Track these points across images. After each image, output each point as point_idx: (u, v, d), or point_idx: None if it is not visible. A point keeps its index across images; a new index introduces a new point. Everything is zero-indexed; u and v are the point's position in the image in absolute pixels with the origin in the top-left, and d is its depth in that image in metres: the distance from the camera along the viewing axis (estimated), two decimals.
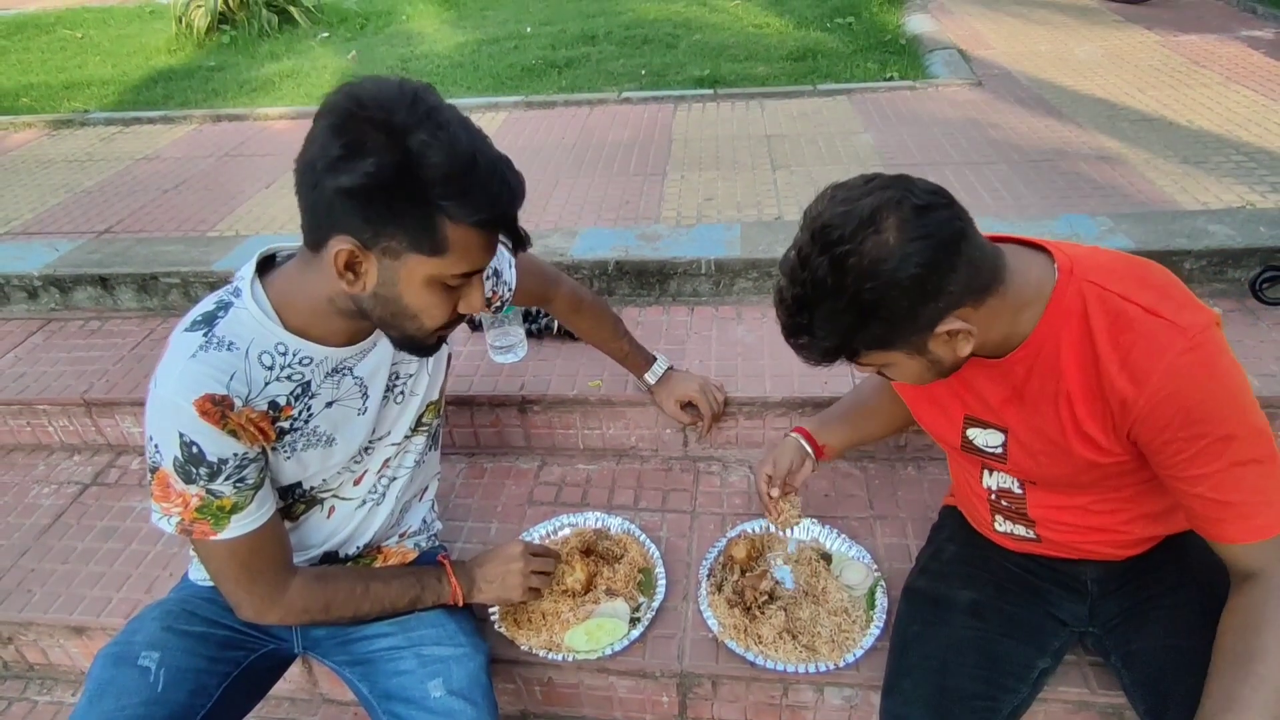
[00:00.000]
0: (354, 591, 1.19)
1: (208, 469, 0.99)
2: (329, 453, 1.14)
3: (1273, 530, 0.89)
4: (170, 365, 0.98)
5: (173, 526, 1.04)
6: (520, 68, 4.21)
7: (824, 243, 0.83)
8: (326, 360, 1.07)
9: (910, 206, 0.83)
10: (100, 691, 1.08)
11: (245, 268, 1.06)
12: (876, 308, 0.83)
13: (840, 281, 0.83)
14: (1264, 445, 0.88)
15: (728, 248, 2.03)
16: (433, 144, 0.86)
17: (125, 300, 2.25)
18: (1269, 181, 2.28)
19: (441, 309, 0.99)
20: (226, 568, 1.08)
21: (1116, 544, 1.13)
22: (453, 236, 0.91)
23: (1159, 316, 0.87)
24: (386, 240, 0.91)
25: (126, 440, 1.98)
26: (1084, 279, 0.91)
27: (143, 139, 3.47)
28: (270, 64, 4.68)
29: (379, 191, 0.87)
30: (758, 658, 1.33)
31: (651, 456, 1.82)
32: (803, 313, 0.87)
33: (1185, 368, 0.85)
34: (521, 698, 1.48)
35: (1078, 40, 3.78)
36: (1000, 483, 1.14)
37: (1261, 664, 0.88)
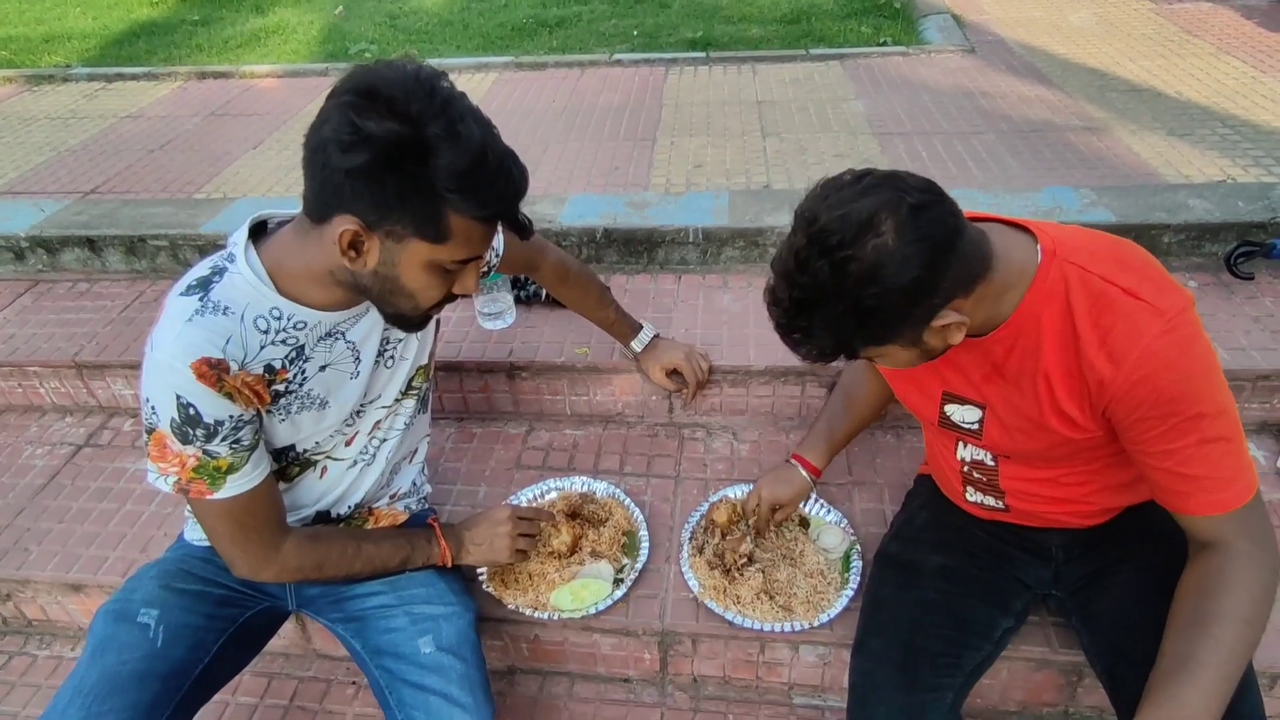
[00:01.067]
0: (346, 551, 1.23)
1: (204, 430, 1.02)
2: (322, 415, 1.16)
3: (1233, 504, 0.93)
4: (167, 329, 1.00)
5: (169, 486, 1.07)
6: (510, 26, 4.15)
7: (823, 247, 0.83)
8: (320, 324, 1.09)
9: (907, 207, 0.83)
10: (102, 646, 1.12)
11: (238, 233, 1.07)
12: (877, 310, 0.85)
13: (841, 286, 0.84)
14: (1229, 424, 0.92)
15: (715, 216, 2.04)
16: (446, 139, 0.88)
17: (113, 262, 2.25)
18: (1251, 155, 2.30)
19: (437, 290, 1.02)
20: (222, 526, 1.11)
21: (1082, 514, 1.17)
22: (456, 226, 0.94)
23: (1138, 299, 0.90)
24: (391, 224, 0.93)
25: (118, 402, 2.00)
26: (1066, 260, 0.94)
27: (126, 96, 3.42)
28: (255, 18, 4.59)
29: (390, 178, 0.89)
30: (736, 617, 1.39)
31: (637, 422, 1.85)
32: (802, 315, 0.88)
33: (1162, 349, 0.88)
34: (509, 654, 1.54)
35: (1072, 6, 3.75)
36: (973, 455, 1.18)
37: (1218, 626, 0.92)
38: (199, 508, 1.11)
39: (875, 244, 0.82)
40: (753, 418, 1.81)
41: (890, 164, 2.40)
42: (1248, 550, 0.94)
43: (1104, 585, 1.18)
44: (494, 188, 0.93)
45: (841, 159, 2.46)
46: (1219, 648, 0.92)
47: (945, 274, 0.86)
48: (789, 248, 0.88)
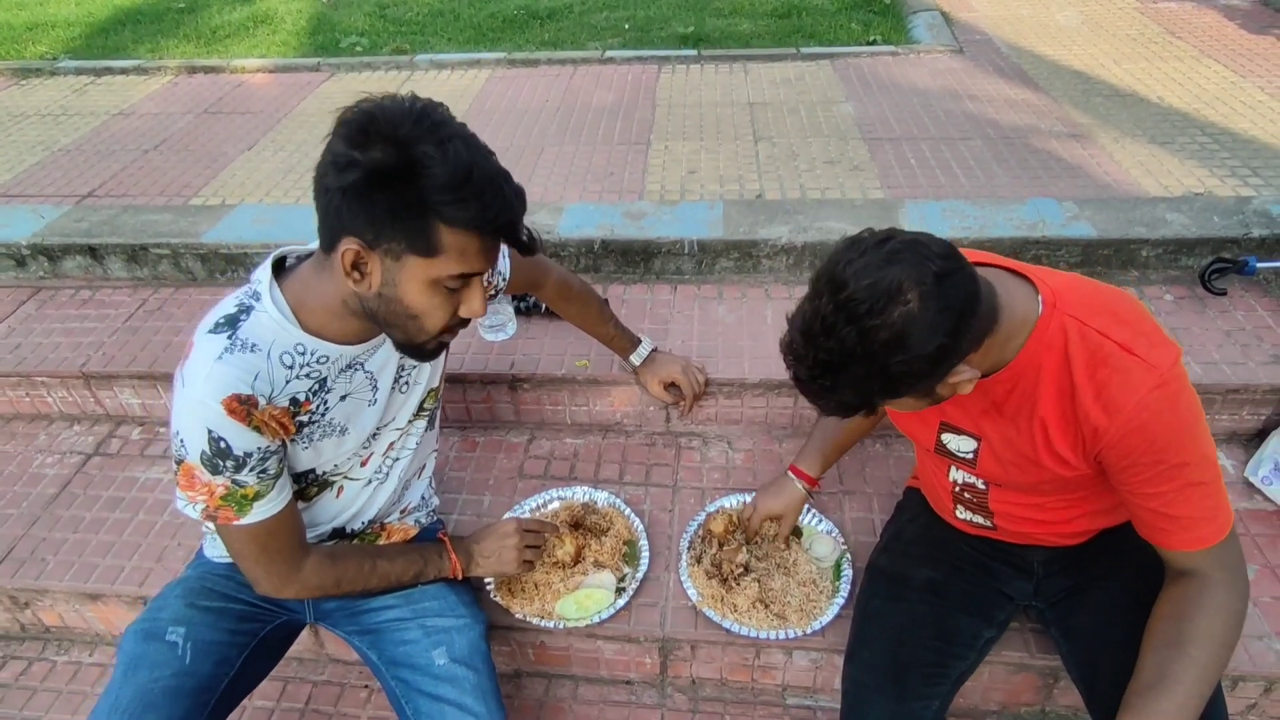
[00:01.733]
0: (363, 568, 1.29)
1: (234, 462, 1.07)
2: (341, 441, 1.22)
3: (1211, 540, 1.01)
4: (198, 366, 1.04)
5: (197, 513, 1.12)
6: (501, 18, 4.15)
7: (851, 314, 0.86)
8: (341, 357, 1.15)
9: (932, 276, 0.86)
10: (134, 664, 1.18)
11: (261, 270, 1.12)
12: (902, 375, 0.89)
13: (869, 351, 0.87)
14: (1210, 469, 0.99)
15: (710, 228, 2.09)
16: (434, 154, 0.92)
17: (115, 270, 2.28)
18: (1228, 165, 2.37)
19: (442, 311, 1.04)
20: (247, 549, 1.17)
21: (1065, 534, 1.25)
22: (447, 240, 0.97)
23: (1133, 354, 0.96)
24: (388, 241, 0.97)
25: (125, 411, 2.04)
26: (1066, 313, 1.00)
27: (116, 91, 3.40)
28: (243, 6, 4.55)
29: (379, 193, 0.94)
30: (733, 625, 1.46)
31: (635, 431, 1.92)
32: (826, 376, 0.91)
33: (1154, 403, 0.95)
34: (515, 659, 1.61)
35: (1059, 4, 3.80)
36: (965, 479, 1.25)
37: (1194, 647, 1.00)
38: (225, 532, 1.17)
39: (902, 312, 0.85)
40: (747, 427, 1.88)
41: (880, 170, 2.46)
42: (1223, 579, 1.02)
43: (1082, 601, 1.26)
44: (481, 200, 0.95)
45: (832, 165, 2.51)
46: (1194, 666, 1.00)
47: (965, 337, 0.91)
48: (814, 311, 0.90)
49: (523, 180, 1.04)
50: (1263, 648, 1.40)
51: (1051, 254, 2.01)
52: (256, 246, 2.19)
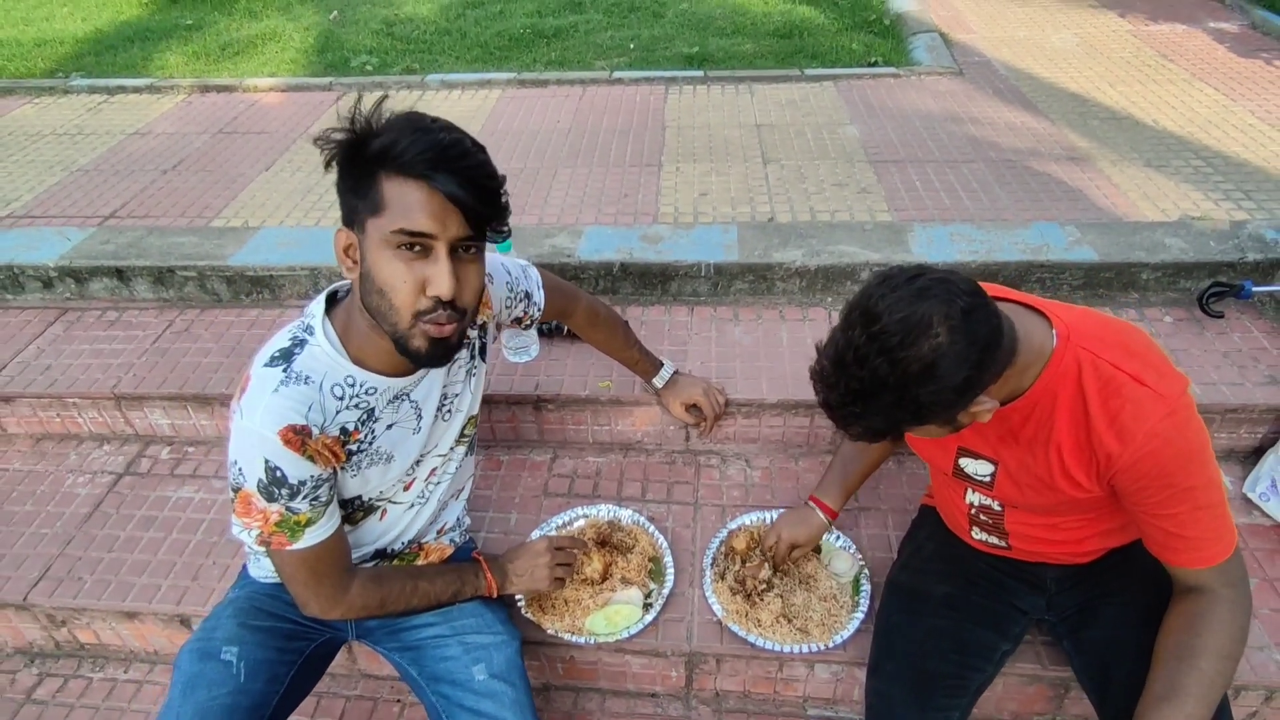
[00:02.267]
0: (405, 589, 1.34)
1: (289, 490, 1.12)
2: (387, 468, 1.28)
3: (1218, 559, 1.08)
4: (255, 399, 1.10)
5: (252, 539, 1.18)
6: (508, 36, 4.21)
7: (883, 346, 0.92)
8: (389, 389, 1.21)
9: (959, 311, 0.92)
10: (191, 683, 1.23)
11: (315, 304, 1.18)
12: (930, 404, 0.95)
13: (900, 382, 0.92)
14: (1216, 493, 1.06)
15: (726, 251, 2.16)
16: (387, 127, 1.00)
17: (141, 291, 2.32)
18: (1223, 189, 2.46)
19: (405, 284, 1.03)
20: (298, 572, 1.22)
21: (1077, 553, 1.32)
22: (388, 191, 1.01)
23: (1144, 385, 1.02)
24: (356, 215, 1.05)
25: (155, 431, 2.08)
26: (1079, 345, 1.06)
27: (131, 111, 3.45)
28: (251, 22, 4.60)
29: (343, 170, 1.03)
30: (757, 639, 1.52)
31: (656, 450, 1.97)
32: (857, 404, 0.96)
33: (1164, 431, 1.01)
34: (545, 673, 1.66)
35: (1055, 26, 3.89)
36: (981, 501, 1.32)
37: (1203, 659, 1.07)
38: (277, 556, 1.22)
39: (932, 345, 0.91)
40: (764, 446, 1.94)
41: (887, 193, 2.53)
42: (1228, 595, 1.09)
43: (1094, 615, 1.33)
44: (415, 145, 0.99)
45: (840, 188, 2.58)
46: (1203, 679, 1.06)
47: (989, 370, 0.97)
48: (847, 342, 0.95)
49: (538, 202, 1.10)
50: (1264, 658, 1.47)
51: (1055, 277, 2.09)
52: (282, 269, 2.24)
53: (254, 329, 2.19)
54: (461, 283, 1.07)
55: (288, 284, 2.26)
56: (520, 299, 1.48)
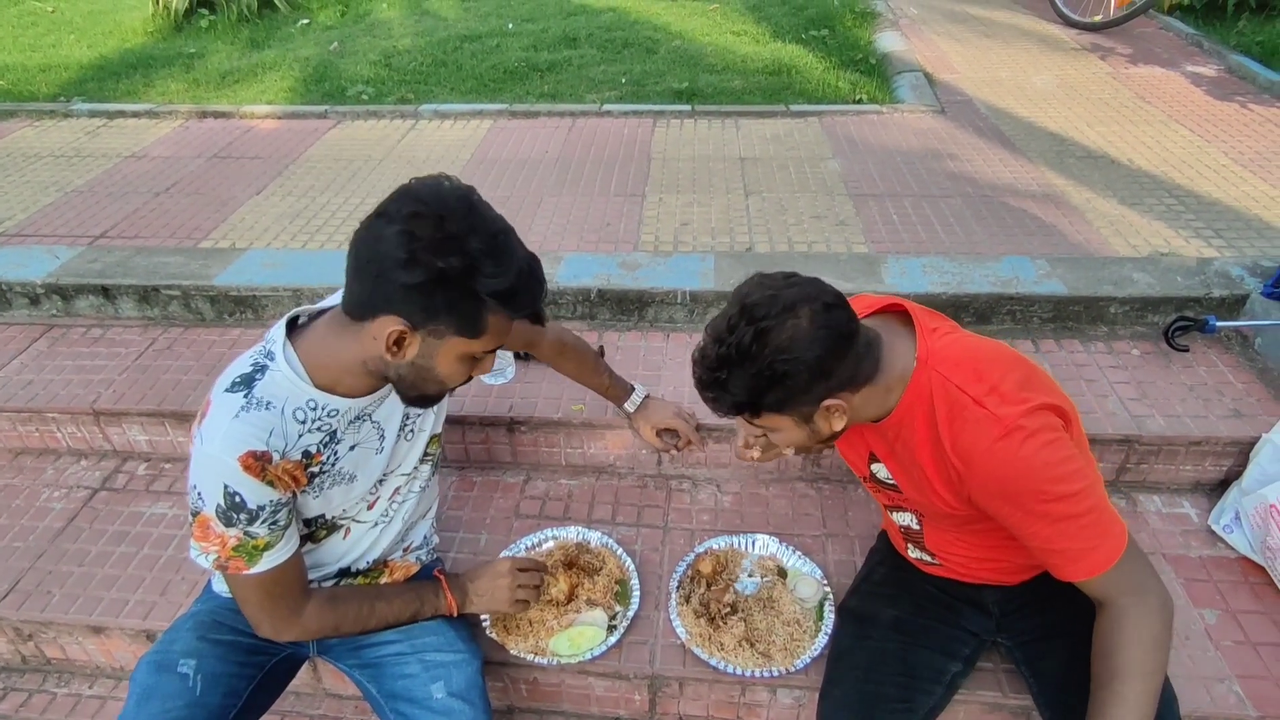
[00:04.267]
0: (361, 611, 1.35)
1: (247, 515, 1.14)
2: (350, 488, 1.29)
3: (1102, 567, 1.09)
4: (215, 424, 1.12)
5: (209, 563, 1.19)
6: (503, 69, 4.30)
7: (750, 317, 1.03)
8: (350, 410, 1.22)
9: (821, 304, 1.04)
10: (146, 695, 1.23)
11: (275, 330, 1.20)
12: (783, 377, 1.04)
13: (760, 350, 1.03)
14: (1079, 503, 1.07)
15: (702, 279, 2.19)
16: (489, 255, 1.04)
17: (126, 309, 2.35)
18: (1193, 226, 2.50)
19: (463, 375, 1.18)
20: (252, 595, 1.23)
21: (1004, 571, 1.34)
22: (492, 324, 1.11)
23: (983, 407, 1.07)
24: (435, 324, 1.08)
25: (132, 447, 2.10)
26: (933, 369, 1.13)
27: (129, 135, 3.51)
28: (252, 52, 4.70)
29: (441, 291, 1.04)
30: (720, 663, 1.52)
31: (628, 474, 1.99)
32: (721, 369, 1.07)
33: (1000, 452, 1.06)
34: (508, 695, 1.66)
35: (1036, 68, 3.99)
36: (903, 520, 1.37)
37: (1120, 683, 1.09)
38: (233, 580, 1.23)
39: (792, 323, 1.03)
40: (735, 471, 1.96)
41: (865, 225, 2.58)
42: (1129, 604, 1.09)
43: (1049, 645, 1.34)
44: (529, 293, 1.11)
45: (819, 220, 2.63)
46: (1124, 703, 1.08)
47: (840, 363, 1.06)
48: (723, 316, 1.08)
49: (522, 229, 1.15)
50: (1224, 690, 1.47)
51: (1025, 309, 2.12)
52: (265, 290, 2.27)
53: (235, 348, 2.22)
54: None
55: (271, 304, 2.29)
56: None
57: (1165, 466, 1.85)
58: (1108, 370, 2.00)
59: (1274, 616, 1.60)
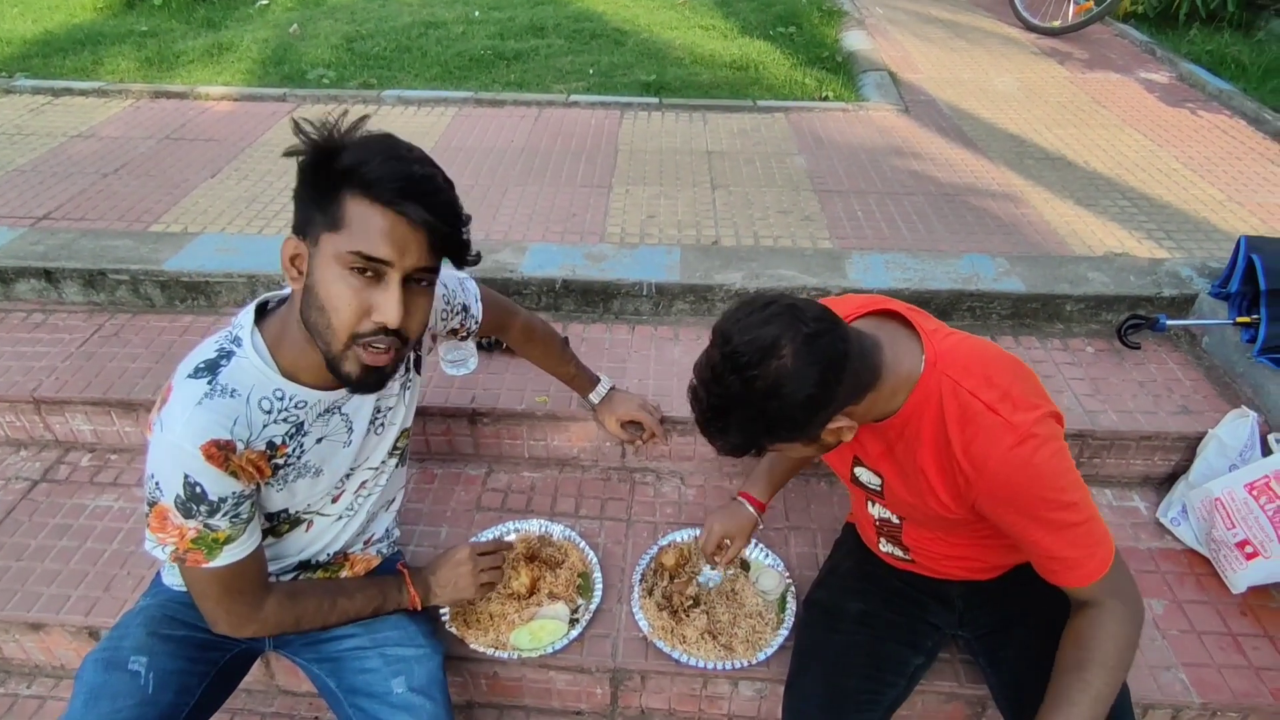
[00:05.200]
0: (322, 606, 1.32)
1: (208, 507, 1.10)
2: (316, 482, 1.26)
3: (1094, 576, 1.11)
4: (177, 411, 1.07)
5: (166, 555, 1.14)
6: (468, 57, 4.23)
7: (734, 365, 0.99)
8: (320, 403, 1.19)
9: (803, 336, 0.99)
10: (95, 694, 1.18)
11: (244, 315, 1.16)
12: (780, 420, 1.02)
13: (749, 398, 0.99)
14: (1079, 512, 1.09)
15: (668, 272, 2.19)
16: (355, 144, 1.01)
17: (70, 294, 2.26)
18: (1145, 228, 2.57)
19: (348, 305, 1.02)
20: (210, 589, 1.19)
21: (976, 569, 1.35)
22: (351, 210, 1.00)
23: (997, 414, 1.07)
24: (311, 226, 1.03)
25: (76, 437, 2.02)
26: (943, 372, 1.11)
27: (76, 113, 3.38)
28: (208, 33, 4.55)
29: (307, 181, 1.02)
30: (682, 655, 1.52)
31: (591, 466, 1.98)
32: (718, 418, 1.04)
33: (1013, 459, 1.06)
34: (468, 689, 1.64)
35: (998, 70, 4.06)
36: (881, 513, 1.36)
37: (1088, 671, 1.11)
38: (190, 573, 1.18)
39: (776, 365, 0.98)
40: (699, 464, 1.96)
41: (829, 221, 2.60)
42: (1114, 606, 1.12)
43: (1008, 635, 1.36)
44: (382, 170, 0.99)
45: (785, 215, 2.64)
46: (1088, 689, 1.10)
47: (837, 389, 1.03)
48: (707, 361, 1.04)
49: (487, 220, 1.11)
50: (1170, 678, 1.52)
51: (985, 306, 2.16)
52: (219, 276, 2.21)
53: (187, 335, 2.15)
54: (410, 313, 1.05)
55: (225, 291, 2.23)
56: (457, 311, 1.48)
57: (1117, 461, 1.90)
58: (1063, 366, 2.04)
59: (1217, 606, 1.65)
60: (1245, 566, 1.62)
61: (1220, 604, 1.65)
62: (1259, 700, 1.48)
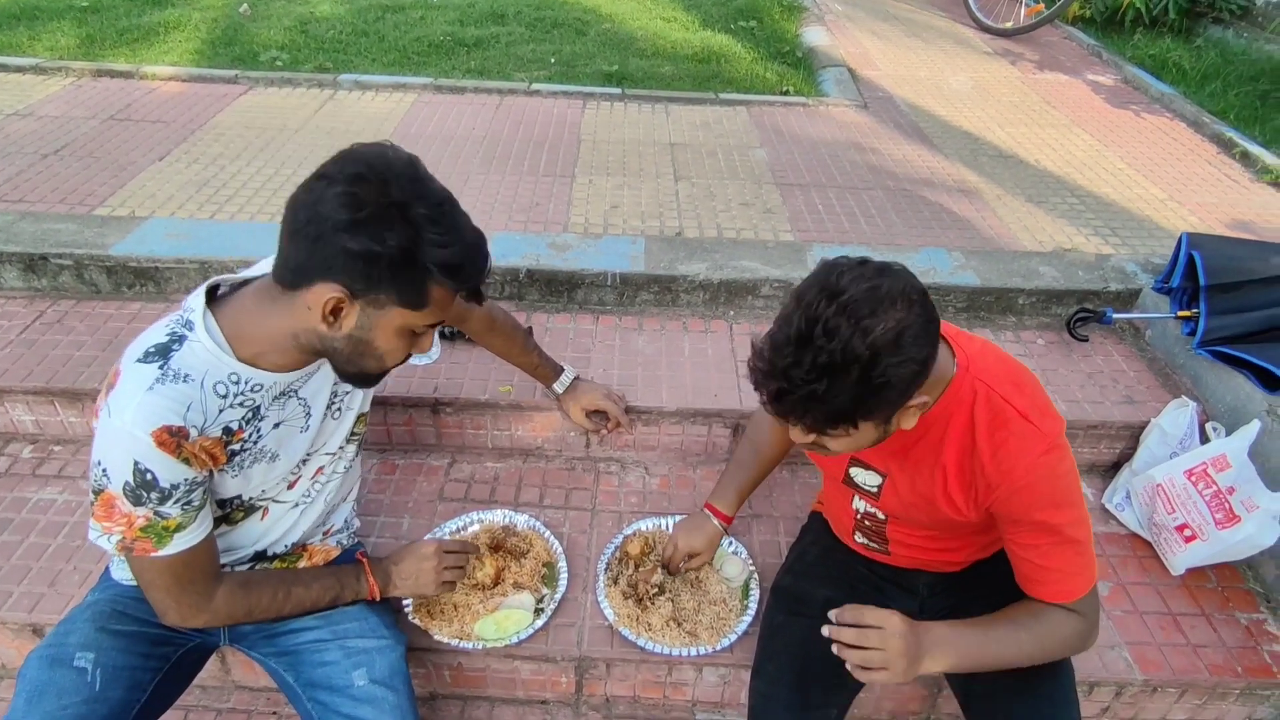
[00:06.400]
0: (276, 596, 1.28)
1: (159, 494, 1.06)
2: (272, 467, 1.23)
3: (1076, 594, 1.15)
4: (126, 396, 1.04)
5: (112, 545, 1.10)
6: (427, 43, 4.16)
7: (853, 315, 0.90)
8: (275, 385, 1.16)
9: (918, 292, 0.94)
10: (39, 692, 1.14)
11: (194, 299, 1.12)
12: (888, 383, 0.93)
13: (870, 351, 0.90)
14: (1083, 531, 1.13)
15: (632, 262, 2.19)
16: (434, 224, 1.00)
17: (9, 279, 2.17)
18: (1093, 225, 2.66)
19: (402, 351, 1.13)
20: (159, 579, 1.15)
21: (950, 563, 1.39)
22: (435, 295, 1.06)
23: (1029, 421, 1.09)
24: (377, 293, 1.03)
25: (17, 428, 1.94)
26: (976, 376, 1.12)
27: (12, 91, 3.23)
28: (154, 10, 4.38)
29: (385, 258, 0.99)
30: (647, 643, 1.53)
31: (556, 456, 1.97)
32: (822, 379, 0.92)
33: (1041, 466, 1.08)
34: (431, 681, 1.63)
35: (953, 69, 4.14)
36: (867, 509, 1.37)
37: (1024, 632, 1.15)
38: (138, 563, 1.15)
39: (899, 317, 0.92)
40: (663, 454, 1.97)
41: (790, 214, 2.63)
42: (1076, 619, 1.16)
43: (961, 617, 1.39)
44: (475, 266, 1.07)
45: (747, 207, 2.66)
46: (1009, 641, 1.15)
47: (935, 356, 1.00)
48: (811, 318, 0.92)
49: None
50: (1114, 656, 1.58)
51: (941, 299, 2.21)
52: (169, 261, 2.14)
53: (135, 323, 2.08)
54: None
55: (175, 277, 2.16)
56: None
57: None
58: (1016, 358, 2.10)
59: (1158, 587, 1.72)
60: (1184, 549, 1.69)
61: (1161, 585, 1.73)
62: (1197, 676, 1.55)
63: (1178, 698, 1.58)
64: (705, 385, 1.95)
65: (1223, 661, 1.58)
